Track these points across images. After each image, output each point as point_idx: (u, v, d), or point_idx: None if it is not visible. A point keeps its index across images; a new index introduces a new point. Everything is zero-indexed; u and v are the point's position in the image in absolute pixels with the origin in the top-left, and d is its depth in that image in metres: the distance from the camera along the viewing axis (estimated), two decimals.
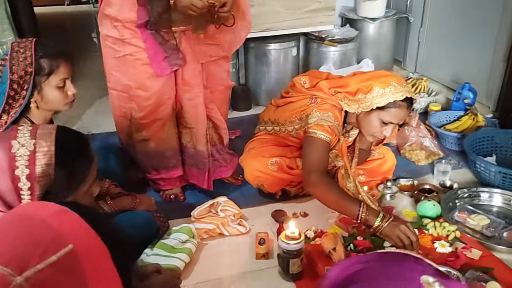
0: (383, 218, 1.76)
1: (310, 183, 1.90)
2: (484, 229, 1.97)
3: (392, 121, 1.93)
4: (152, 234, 1.83)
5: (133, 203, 1.90)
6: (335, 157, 2.15)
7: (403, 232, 1.71)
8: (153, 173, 2.23)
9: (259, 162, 2.14)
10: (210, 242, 1.97)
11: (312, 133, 1.98)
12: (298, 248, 1.69)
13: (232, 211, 2.03)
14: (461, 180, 2.42)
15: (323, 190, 1.87)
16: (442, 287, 0.60)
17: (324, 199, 1.89)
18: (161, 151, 2.17)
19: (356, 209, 1.78)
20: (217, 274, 1.78)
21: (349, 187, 2.02)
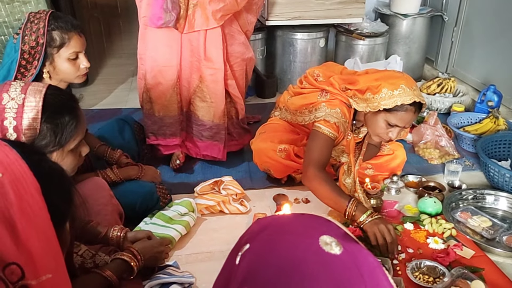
0: (369, 215, 1.78)
1: (307, 176, 1.94)
2: (484, 231, 1.95)
3: (398, 124, 1.92)
4: (152, 203, 1.93)
5: (139, 173, 2.00)
6: (341, 153, 2.18)
7: (380, 231, 1.73)
8: (152, 138, 2.37)
9: (268, 148, 2.19)
10: (209, 218, 2.06)
11: (317, 128, 2.00)
12: None
13: (235, 191, 2.10)
14: (472, 182, 2.38)
15: (317, 184, 1.90)
16: (339, 247, 0.64)
17: (317, 192, 1.92)
18: (161, 117, 2.32)
19: (345, 204, 1.81)
20: (210, 248, 1.86)
21: (347, 183, 2.04)
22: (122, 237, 1.60)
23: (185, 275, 1.64)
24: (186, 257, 1.81)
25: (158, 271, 1.63)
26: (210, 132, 2.36)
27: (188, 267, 1.75)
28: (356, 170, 2.10)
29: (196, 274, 1.72)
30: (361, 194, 2.00)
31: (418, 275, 1.64)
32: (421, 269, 1.67)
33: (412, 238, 1.88)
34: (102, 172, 1.89)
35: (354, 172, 2.06)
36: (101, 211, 1.68)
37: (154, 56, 2.26)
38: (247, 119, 2.80)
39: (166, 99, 2.30)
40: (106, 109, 3.18)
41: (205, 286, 1.67)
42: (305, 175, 1.96)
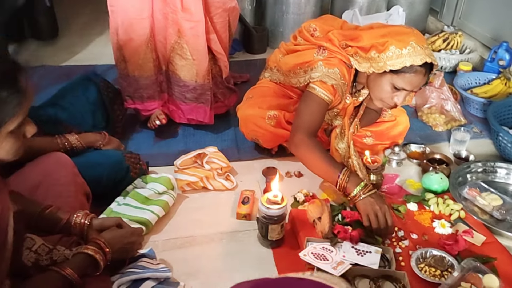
0: (363, 188, 1.58)
1: (294, 142, 1.73)
2: (495, 211, 1.76)
3: (406, 87, 1.69)
4: (121, 174, 1.71)
5: (101, 140, 1.78)
6: (335, 116, 1.94)
7: (375, 213, 1.54)
8: (129, 101, 2.16)
9: (255, 114, 1.95)
10: (191, 195, 1.84)
11: (311, 89, 1.77)
12: (279, 214, 1.54)
13: (220, 164, 1.88)
14: (480, 152, 2.18)
15: (305, 152, 1.70)
16: None
17: (305, 161, 1.72)
18: (136, 77, 2.08)
19: (336, 174, 1.61)
20: (191, 231, 1.66)
21: (340, 148, 1.82)
22: (87, 225, 1.39)
23: (160, 268, 1.44)
24: (164, 243, 1.61)
25: (130, 263, 1.43)
26: (194, 93, 2.12)
27: (165, 256, 1.56)
28: (351, 133, 1.87)
29: (174, 263, 1.53)
30: (355, 161, 1.79)
31: (424, 268, 1.46)
32: (427, 260, 1.49)
33: (416, 221, 1.69)
34: (60, 137, 1.67)
35: (348, 136, 1.83)
36: (62, 193, 1.46)
37: (125, 7, 1.97)
38: (234, 79, 2.56)
39: (140, 57, 2.04)
40: (78, 65, 2.87)
41: (185, 278, 1.48)
42: (292, 141, 1.75)
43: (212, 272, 1.51)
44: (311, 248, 1.50)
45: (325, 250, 1.50)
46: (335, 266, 1.43)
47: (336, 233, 1.54)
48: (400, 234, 1.61)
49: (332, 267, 1.42)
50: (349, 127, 1.86)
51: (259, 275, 1.49)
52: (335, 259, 1.47)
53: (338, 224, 1.57)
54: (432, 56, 1.68)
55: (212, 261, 1.56)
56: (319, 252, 1.49)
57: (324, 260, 1.45)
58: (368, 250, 1.50)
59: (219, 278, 1.49)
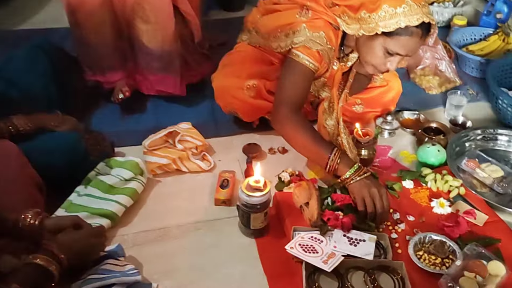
0: (357, 171, 1.42)
1: (277, 119, 1.55)
2: (496, 184, 1.62)
3: (400, 52, 1.49)
4: (78, 158, 1.51)
5: (54, 120, 1.56)
6: (322, 86, 1.74)
7: (370, 196, 1.38)
8: (88, 73, 1.92)
9: (232, 85, 1.74)
10: (163, 179, 1.65)
11: (294, 56, 1.56)
12: (262, 202, 1.37)
13: (194, 143, 1.69)
14: (477, 116, 2.02)
15: (290, 130, 1.52)
16: None
17: (290, 140, 1.55)
18: (93, 45, 1.83)
19: (326, 155, 1.44)
20: (164, 222, 1.49)
21: (328, 125, 1.63)
22: (38, 226, 1.20)
23: (127, 270, 1.26)
24: (134, 237, 1.44)
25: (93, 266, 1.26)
26: (161, 62, 1.89)
27: (135, 252, 1.39)
28: (340, 107, 1.67)
29: (146, 260, 1.36)
30: (345, 140, 1.61)
31: (423, 255, 1.32)
32: (426, 246, 1.35)
33: (412, 200, 1.54)
34: (4, 119, 1.45)
35: (337, 110, 1.64)
36: (7, 189, 1.27)
37: None
38: (209, 42, 2.31)
39: (96, 22, 1.79)
40: (33, 29, 2.56)
41: (158, 277, 1.32)
42: (275, 117, 1.56)
43: (188, 269, 1.35)
44: (299, 238, 1.35)
45: (314, 240, 1.35)
46: (325, 260, 1.28)
47: (326, 220, 1.38)
48: (396, 217, 1.46)
49: (322, 261, 1.27)
50: (338, 99, 1.67)
51: (242, 270, 1.35)
52: (325, 250, 1.31)
53: (328, 210, 1.41)
54: (430, 15, 1.48)
55: (188, 256, 1.39)
56: (308, 243, 1.33)
57: (313, 253, 1.30)
58: (362, 238, 1.35)
59: (196, 275, 1.33)
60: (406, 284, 1.24)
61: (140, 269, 1.33)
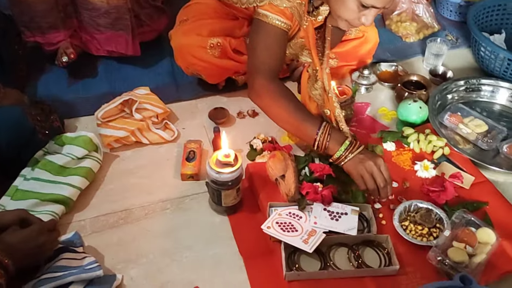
0: (349, 147, 1.28)
1: (253, 90, 1.36)
2: (480, 140, 1.53)
3: (376, 4, 1.30)
4: (24, 138, 1.33)
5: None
6: (300, 49, 1.54)
7: (369, 172, 1.25)
8: (27, 34, 1.68)
9: (193, 44, 1.54)
10: (122, 153, 1.49)
11: (262, 16, 1.36)
12: (233, 178, 1.23)
13: (154, 111, 1.51)
14: (458, 65, 1.90)
15: (269, 101, 1.35)
16: None
17: (271, 113, 1.38)
18: (29, 2, 1.61)
19: (314, 131, 1.29)
20: (126, 203, 1.34)
21: (314, 95, 1.46)
22: None
23: (86, 265, 1.12)
24: (92, 223, 1.29)
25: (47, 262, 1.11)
26: (108, 18, 1.67)
27: (95, 240, 1.24)
28: (327, 73, 1.49)
29: (107, 249, 1.23)
30: (337, 111, 1.42)
31: (409, 226, 1.23)
32: (411, 216, 1.25)
33: (394, 164, 1.43)
34: None
35: (322, 78, 1.46)
36: None
37: None
38: None
39: None
40: None
41: (122, 267, 1.19)
42: (251, 89, 1.38)
43: (156, 255, 1.22)
44: (275, 216, 1.23)
45: (293, 217, 1.23)
46: (305, 239, 1.17)
47: (305, 194, 1.26)
48: None
49: (302, 241, 1.16)
50: (321, 64, 1.49)
51: (215, 251, 1.23)
52: (305, 228, 1.20)
53: (305, 182, 1.29)
54: None
55: (155, 240, 1.26)
56: (286, 220, 1.22)
57: (292, 231, 1.19)
58: (344, 212, 1.24)
59: (165, 261, 1.21)
60: (393, 259, 1.15)
61: (101, 260, 1.20)
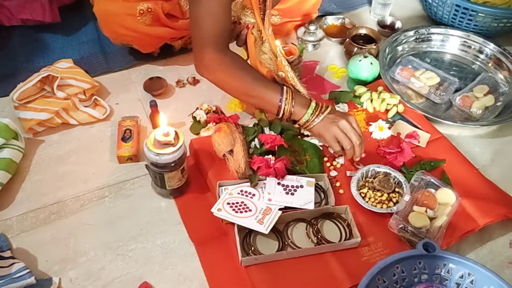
0: (316, 110, 1.19)
1: (203, 65, 1.21)
2: (433, 94, 1.47)
3: None
4: None
5: None
6: (242, 9, 1.38)
7: (342, 131, 1.17)
8: None
9: (120, 11, 1.35)
10: (47, 137, 1.31)
11: None
12: (176, 159, 1.10)
13: (80, 86, 1.33)
14: (405, 14, 1.82)
15: (223, 75, 1.20)
16: None
17: (226, 87, 1.24)
18: None
19: (276, 98, 1.19)
20: (56, 195, 1.19)
21: (264, 59, 1.32)
22: None
23: (15, 272, 0.99)
24: (19, 221, 1.13)
25: None
26: None
27: (24, 241, 1.10)
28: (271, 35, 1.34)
29: (40, 249, 1.09)
30: (290, 73, 1.27)
31: (367, 193, 1.16)
32: (370, 181, 1.18)
33: None
34: None
35: (268, 39, 1.31)
36: None
37: None
38: None
39: None
40: None
41: (59, 268, 1.06)
42: (200, 64, 1.22)
43: (97, 251, 1.09)
44: (226, 196, 1.12)
45: (245, 195, 1.13)
46: (260, 218, 1.08)
47: (256, 169, 1.16)
48: (333, 150, 1.27)
49: (257, 221, 1.07)
50: (263, 23, 1.31)
51: (163, 240, 1.12)
52: (259, 206, 1.11)
53: (256, 156, 1.18)
54: None
55: (94, 234, 1.12)
56: (237, 200, 1.12)
57: (245, 212, 1.09)
58: (299, 184, 1.16)
59: (108, 257, 1.08)
60: (354, 231, 1.09)
61: (34, 262, 1.06)
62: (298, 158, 1.23)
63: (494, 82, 1.51)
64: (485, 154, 1.33)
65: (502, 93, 1.47)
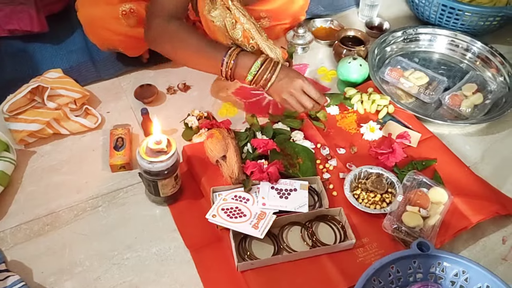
0: (261, 68, 1.18)
1: (150, 33, 1.23)
2: (422, 93, 1.49)
3: None
4: None
5: None
6: None
7: (297, 92, 1.20)
8: None
9: (103, 16, 1.35)
10: (39, 148, 1.31)
11: None
12: (169, 167, 1.10)
13: (71, 96, 1.33)
14: (393, 14, 1.84)
15: (168, 39, 1.21)
16: None
17: (172, 52, 1.25)
18: None
19: (220, 58, 1.18)
20: (50, 205, 1.18)
21: (215, 16, 1.27)
22: None
23: (11, 285, 0.98)
24: (13, 234, 1.13)
25: None
26: None
27: (19, 252, 1.09)
28: None
29: (35, 261, 1.08)
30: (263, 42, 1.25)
31: (361, 194, 1.17)
32: (362, 183, 1.19)
33: (340, 128, 1.35)
34: None
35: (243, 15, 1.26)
36: None
37: None
38: None
39: None
40: None
41: (55, 279, 1.05)
42: (147, 34, 1.25)
43: (93, 261, 1.09)
44: (220, 202, 1.13)
45: (239, 200, 1.13)
46: (255, 223, 1.08)
47: (249, 174, 1.16)
48: (325, 153, 1.28)
49: (252, 226, 1.07)
50: None
51: (159, 248, 1.12)
52: (253, 211, 1.11)
53: (249, 161, 1.19)
54: None
55: (89, 243, 1.12)
56: (232, 205, 1.12)
57: (240, 217, 1.09)
58: (292, 188, 1.16)
59: (104, 267, 1.08)
60: (348, 233, 1.10)
61: (29, 275, 1.06)
62: (291, 162, 1.23)
63: (482, 80, 1.53)
64: (476, 152, 1.35)
65: (490, 91, 1.49)
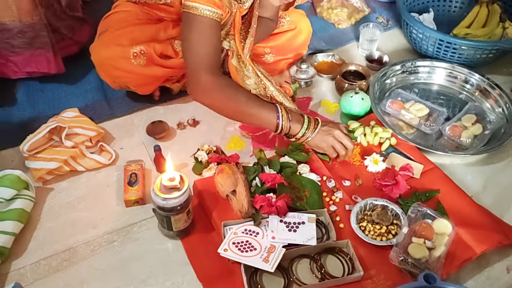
0: (310, 125, 1.32)
1: (199, 89, 1.30)
2: (423, 125, 1.54)
3: None
4: None
5: None
6: (225, 35, 1.46)
7: (337, 139, 1.33)
8: None
9: (115, 56, 1.42)
10: (56, 185, 1.36)
11: (192, 9, 1.26)
12: (181, 202, 1.15)
13: (86, 134, 1.39)
14: (392, 47, 1.91)
15: (219, 97, 1.29)
16: None
17: (222, 109, 1.33)
18: None
19: (273, 116, 1.29)
20: (67, 241, 1.23)
21: (249, 84, 1.40)
22: None
23: None
24: (33, 269, 1.17)
25: None
26: (24, 37, 1.51)
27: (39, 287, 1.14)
28: (249, 57, 1.44)
29: None
30: (275, 91, 1.43)
31: (367, 226, 1.21)
32: (368, 215, 1.24)
33: (344, 161, 1.40)
34: None
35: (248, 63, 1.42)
36: None
37: None
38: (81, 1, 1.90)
39: None
40: None
41: None
42: (196, 88, 1.31)
43: None
44: (231, 236, 1.17)
45: (249, 234, 1.18)
46: (265, 257, 1.12)
47: (258, 208, 1.21)
48: (331, 185, 1.33)
49: (262, 259, 1.12)
50: (243, 48, 1.42)
51: (172, 281, 1.16)
52: (263, 244, 1.15)
53: (258, 195, 1.23)
54: None
55: (105, 278, 1.16)
56: (242, 239, 1.16)
57: (250, 251, 1.14)
58: (300, 221, 1.20)
59: None
60: (356, 265, 1.14)
61: None
62: (298, 195, 1.28)
63: (481, 111, 1.58)
64: (477, 181, 1.39)
65: (489, 122, 1.54)
